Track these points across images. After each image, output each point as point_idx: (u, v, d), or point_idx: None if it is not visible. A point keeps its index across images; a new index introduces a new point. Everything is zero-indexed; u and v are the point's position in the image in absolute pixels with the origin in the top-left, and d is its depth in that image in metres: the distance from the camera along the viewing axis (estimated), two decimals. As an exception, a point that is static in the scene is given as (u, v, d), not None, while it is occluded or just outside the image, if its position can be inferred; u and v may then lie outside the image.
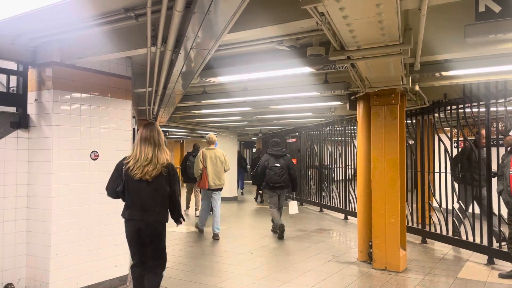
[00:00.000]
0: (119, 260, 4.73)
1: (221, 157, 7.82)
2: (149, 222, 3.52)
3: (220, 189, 7.90)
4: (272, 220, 8.23)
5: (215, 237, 7.59)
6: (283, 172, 7.76)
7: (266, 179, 7.88)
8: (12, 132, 4.14)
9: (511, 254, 5.14)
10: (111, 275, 4.63)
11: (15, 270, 4.12)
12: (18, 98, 4.31)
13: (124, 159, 3.63)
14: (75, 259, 4.26)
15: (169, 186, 3.58)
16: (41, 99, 4.22)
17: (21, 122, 4.22)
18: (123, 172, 3.54)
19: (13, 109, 4.27)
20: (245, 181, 17.25)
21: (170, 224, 3.75)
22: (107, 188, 3.65)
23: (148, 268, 3.61)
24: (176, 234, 8.07)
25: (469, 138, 6.71)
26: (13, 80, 4.46)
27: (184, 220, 3.92)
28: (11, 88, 4.48)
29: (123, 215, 3.62)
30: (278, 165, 7.78)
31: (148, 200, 3.51)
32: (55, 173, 4.11)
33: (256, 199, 13.95)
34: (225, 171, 7.91)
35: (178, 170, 4.20)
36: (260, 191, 13.53)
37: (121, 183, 3.55)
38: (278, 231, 7.70)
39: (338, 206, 10.46)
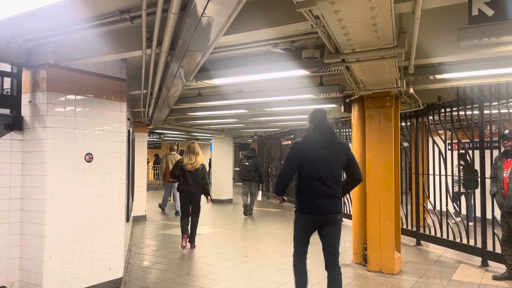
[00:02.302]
0: (114, 263, 4.71)
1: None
2: (192, 192, 6.83)
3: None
4: (243, 206, 11.08)
5: (177, 213, 10.50)
6: (250, 168, 10.75)
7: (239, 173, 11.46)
8: (5, 134, 4.11)
9: (505, 256, 5.18)
10: (105, 278, 4.60)
11: (8, 273, 4.09)
12: (12, 100, 4.28)
13: (180, 159, 7.03)
14: (69, 262, 4.24)
15: (201, 175, 6.89)
16: (35, 101, 4.19)
17: (15, 124, 4.19)
18: (179, 166, 6.87)
19: (7, 111, 4.24)
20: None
21: (166, 227, 3.83)
22: (170, 172, 7.24)
23: (191, 217, 7.00)
24: (171, 237, 8.05)
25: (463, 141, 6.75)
26: (7, 82, 4.44)
27: (211, 198, 7.26)
28: (5, 90, 4.46)
29: (178, 189, 6.99)
30: (247, 163, 10.80)
31: (191, 181, 6.81)
32: (49, 176, 4.08)
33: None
34: None
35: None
36: None
37: (178, 171, 6.88)
38: (243, 210, 10.94)
39: (333, 209, 10.45)
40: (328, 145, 3.73)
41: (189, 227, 7.00)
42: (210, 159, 18.51)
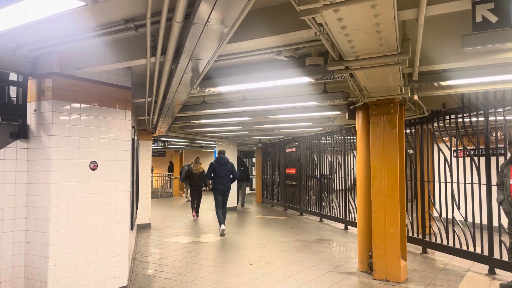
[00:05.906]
0: (118, 271, 4.70)
1: None
2: (197, 185, 12.36)
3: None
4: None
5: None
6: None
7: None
8: (11, 143, 4.14)
9: (512, 264, 5.12)
10: (110, 286, 4.59)
11: (13, 282, 4.08)
12: (17, 109, 4.31)
13: (190, 168, 12.78)
14: (73, 270, 4.23)
15: (202, 176, 12.09)
16: (40, 110, 4.22)
17: (21, 132, 4.21)
18: (190, 170, 12.58)
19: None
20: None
21: (171, 235, 3.80)
22: (184, 176, 13.82)
23: (196, 200, 12.44)
24: (175, 245, 8.04)
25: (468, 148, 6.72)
26: (13, 91, 4.47)
27: (208, 187, 12.78)
28: (11, 99, 4.50)
29: (191, 184, 12.59)
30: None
31: (197, 179, 12.25)
32: (54, 184, 4.10)
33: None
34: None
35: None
36: None
37: (189, 174, 12.65)
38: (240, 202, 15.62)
39: (338, 216, 10.43)
40: (224, 163, 9.47)
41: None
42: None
